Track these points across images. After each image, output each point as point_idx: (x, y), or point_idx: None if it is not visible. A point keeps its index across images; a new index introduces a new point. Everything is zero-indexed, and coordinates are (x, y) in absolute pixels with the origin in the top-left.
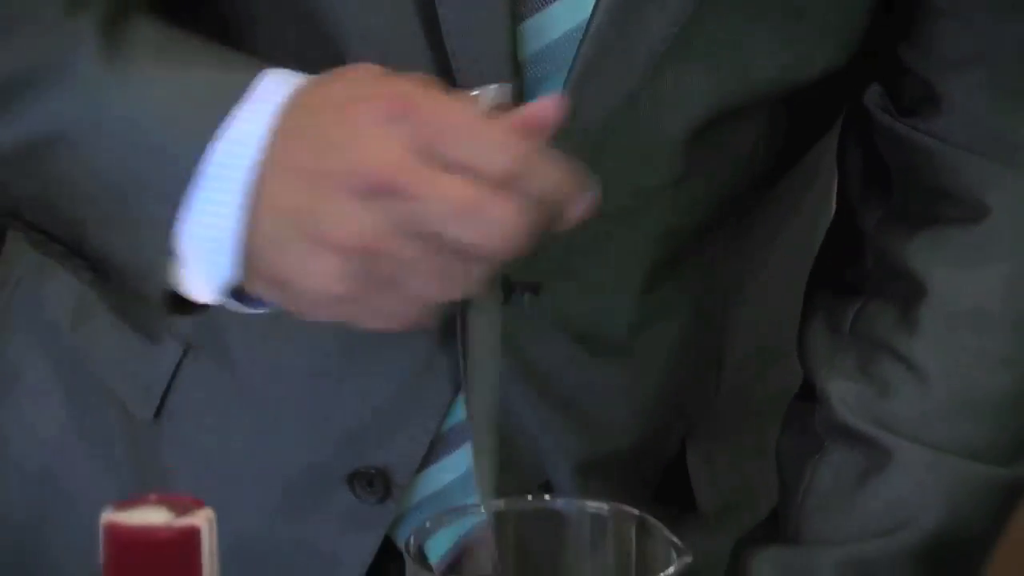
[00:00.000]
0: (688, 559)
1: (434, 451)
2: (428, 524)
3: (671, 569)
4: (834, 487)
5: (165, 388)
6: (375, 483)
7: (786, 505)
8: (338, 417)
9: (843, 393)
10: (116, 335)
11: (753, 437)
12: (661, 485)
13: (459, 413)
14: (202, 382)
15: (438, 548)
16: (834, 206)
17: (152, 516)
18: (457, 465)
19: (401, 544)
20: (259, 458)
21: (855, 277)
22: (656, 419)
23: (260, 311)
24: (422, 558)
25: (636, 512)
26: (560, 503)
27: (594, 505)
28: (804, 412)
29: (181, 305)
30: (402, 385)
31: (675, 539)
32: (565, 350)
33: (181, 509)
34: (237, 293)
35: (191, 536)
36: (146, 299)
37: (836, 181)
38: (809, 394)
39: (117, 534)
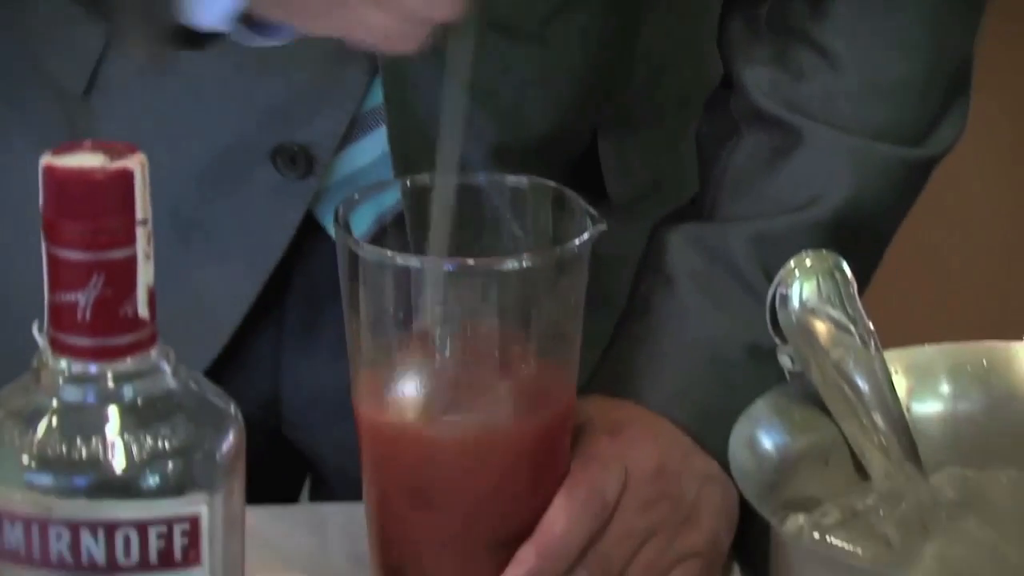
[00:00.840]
0: (603, 226)
1: (353, 131)
2: (356, 196)
3: (585, 235)
4: (748, 167)
5: (96, 60)
6: (297, 160)
7: (704, 188)
8: (261, 95)
9: (758, 79)
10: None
11: (665, 132)
12: (573, 176)
13: (376, 97)
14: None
15: (360, 224)
16: None
17: (88, 160)
18: (375, 146)
19: (322, 219)
20: (189, 131)
21: None
22: (569, 108)
23: (269, 42)
24: (348, 228)
25: (553, 184)
26: (480, 177)
27: (513, 179)
28: (723, 99)
29: (190, 39)
30: (321, 67)
31: (591, 209)
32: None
33: (115, 154)
34: (246, 21)
35: (125, 177)
36: (154, 32)
37: None
38: (729, 83)
39: (55, 176)
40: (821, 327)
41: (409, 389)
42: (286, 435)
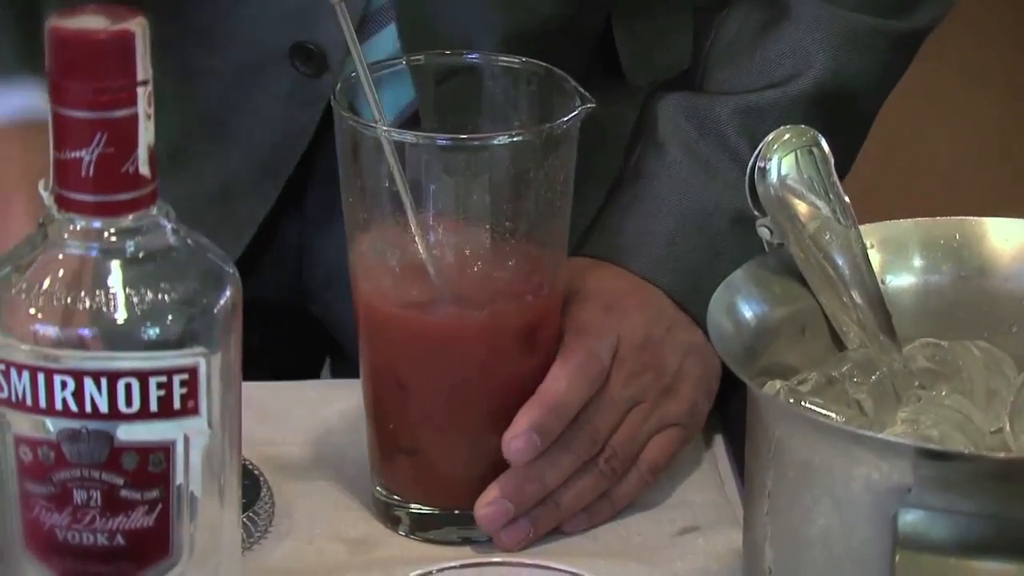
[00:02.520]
0: (591, 105)
1: (364, 30)
2: (352, 75)
3: (573, 113)
4: (736, 39)
5: None
6: (313, 58)
7: (695, 59)
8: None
9: None
10: None
11: (681, 15)
12: (590, 60)
13: None
14: None
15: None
16: None
17: (91, 22)
18: (387, 43)
19: None
20: (216, 38)
21: None
22: None
23: None
24: (345, 105)
25: (544, 65)
26: (475, 57)
27: (505, 59)
28: None
29: None
30: None
31: (581, 89)
32: None
33: (117, 16)
34: None
35: (126, 38)
36: None
37: None
38: None
39: (59, 37)
40: (798, 201)
41: (399, 269)
42: (313, 314)
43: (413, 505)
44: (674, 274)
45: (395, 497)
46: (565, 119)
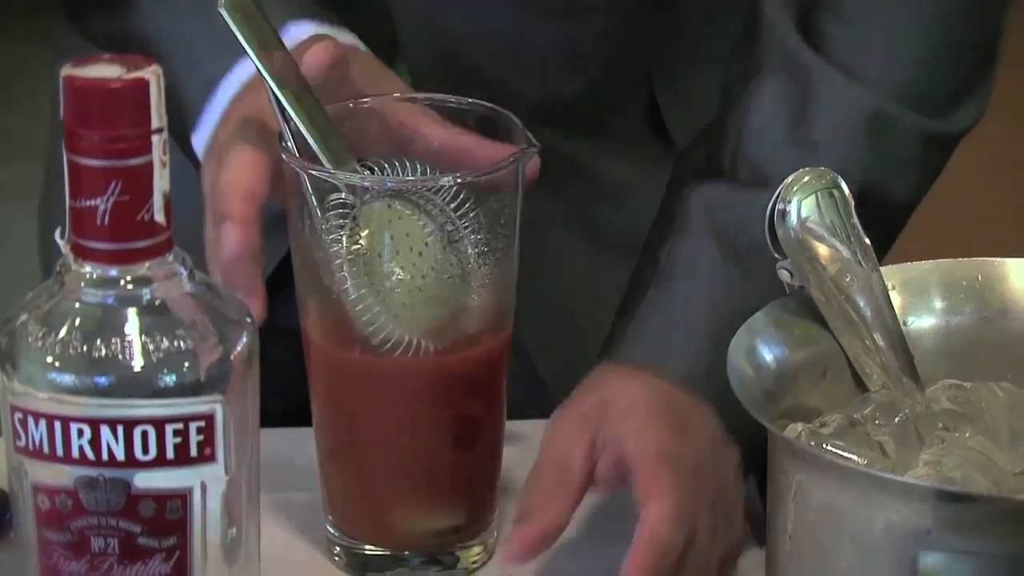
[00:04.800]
0: (534, 150)
1: None
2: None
3: (513, 155)
4: (767, 124)
5: None
6: None
7: (722, 131)
8: None
9: (783, 27)
10: None
11: (718, 71)
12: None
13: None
14: None
15: None
16: None
17: (106, 71)
18: None
19: None
20: None
21: None
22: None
23: None
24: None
25: (489, 105)
26: (420, 97)
27: (454, 99)
28: (746, 43)
29: None
30: None
31: (528, 134)
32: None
33: (132, 65)
34: None
35: (141, 87)
36: None
37: None
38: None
39: (74, 86)
40: (818, 243)
41: (340, 313)
42: None
43: (367, 547)
44: (717, 383)
45: (347, 538)
46: (505, 162)
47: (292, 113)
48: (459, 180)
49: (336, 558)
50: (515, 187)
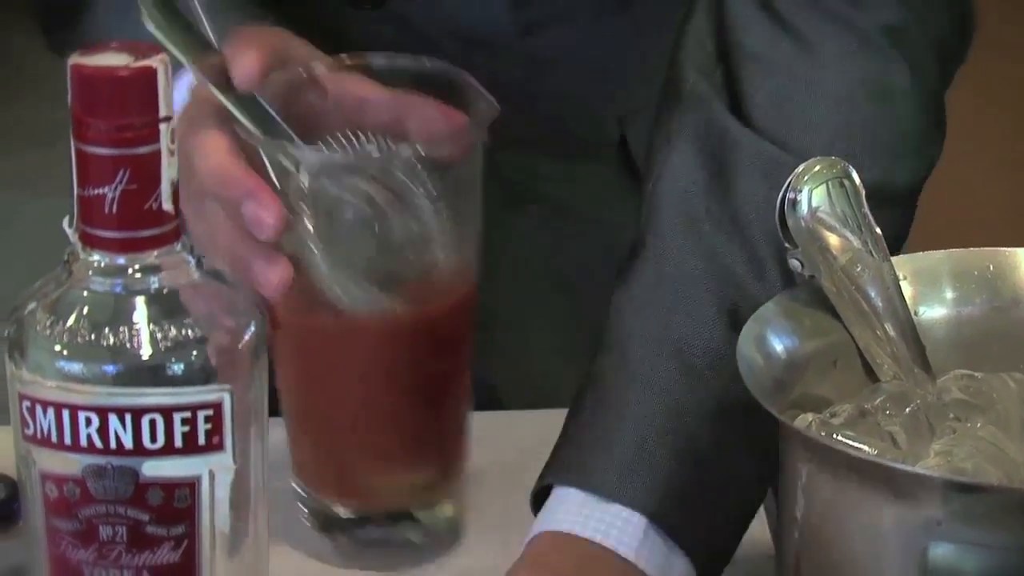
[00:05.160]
0: (494, 112)
1: None
2: None
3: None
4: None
5: None
6: None
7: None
8: None
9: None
10: None
11: None
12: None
13: None
14: None
15: None
16: None
17: (113, 59)
18: None
19: None
20: None
21: None
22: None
23: None
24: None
25: (450, 67)
26: (378, 60)
27: (410, 61)
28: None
29: None
30: None
31: (488, 95)
32: None
33: (140, 53)
34: None
35: (148, 76)
36: None
37: None
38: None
39: (81, 74)
40: (829, 233)
41: (304, 281)
42: None
43: (338, 508)
44: (668, 505)
45: (316, 499)
46: (463, 128)
47: (236, 113)
48: (417, 151)
49: (305, 521)
50: (474, 151)
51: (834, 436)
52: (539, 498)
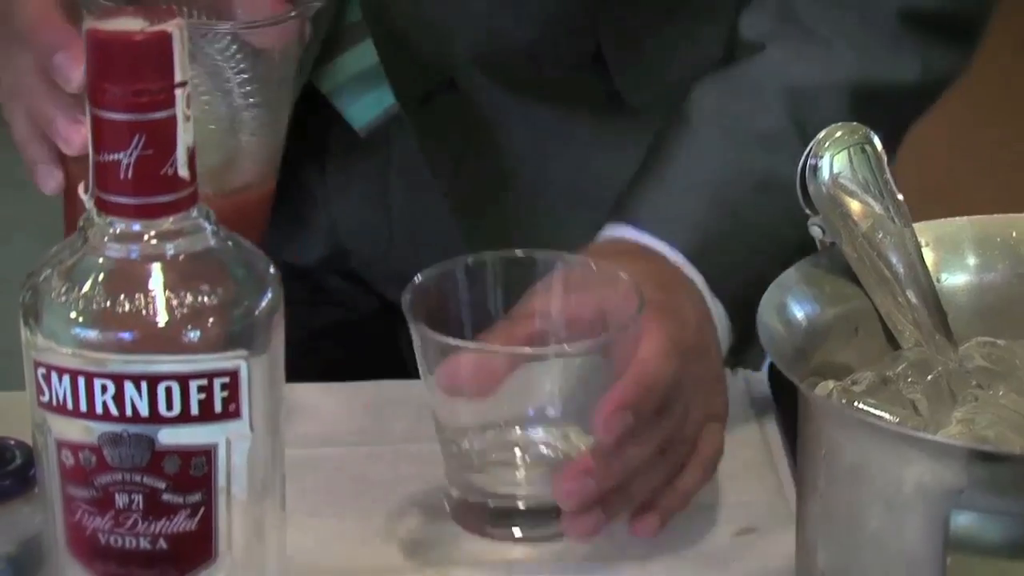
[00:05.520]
0: (318, 4)
1: (340, 44)
2: None
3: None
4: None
5: None
6: None
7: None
8: None
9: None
10: None
11: (677, 28)
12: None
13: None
14: None
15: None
16: None
17: (129, 24)
18: (363, 59)
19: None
20: None
21: None
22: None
23: None
24: None
25: None
26: None
27: None
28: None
29: None
30: None
31: None
32: None
33: (155, 18)
34: None
35: (164, 40)
36: None
37: None
38: None
39: (97, 39)
40: (851, 199)
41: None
42: (356, 271)
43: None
44: (689, 234)
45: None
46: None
47: None
48: (234, 31)
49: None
50: (293, 42)
51: (855, 404)
52: None
